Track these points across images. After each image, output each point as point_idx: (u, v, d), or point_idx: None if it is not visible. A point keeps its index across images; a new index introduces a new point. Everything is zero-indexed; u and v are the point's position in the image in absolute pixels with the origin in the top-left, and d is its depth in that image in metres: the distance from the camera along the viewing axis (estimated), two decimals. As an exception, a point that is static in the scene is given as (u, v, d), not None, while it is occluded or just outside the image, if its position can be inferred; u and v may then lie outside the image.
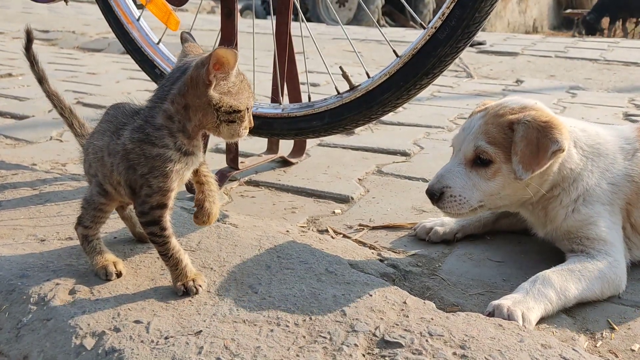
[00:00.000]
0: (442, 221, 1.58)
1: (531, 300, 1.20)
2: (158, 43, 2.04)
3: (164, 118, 1.16)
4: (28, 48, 1.41)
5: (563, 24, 15.54)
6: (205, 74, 1.11)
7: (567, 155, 1.38)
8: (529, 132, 1.32)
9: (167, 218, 1.19)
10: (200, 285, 1.21)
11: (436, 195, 1.39)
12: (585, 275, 1.27)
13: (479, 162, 1.37)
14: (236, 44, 1.74)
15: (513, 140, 1.34)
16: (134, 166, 1.15)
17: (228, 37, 1.76)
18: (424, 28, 1.56)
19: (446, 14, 1.50)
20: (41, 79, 1.46)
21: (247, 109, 1.18)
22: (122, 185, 1.19)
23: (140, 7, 2.06)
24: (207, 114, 1.15)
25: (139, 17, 2.05)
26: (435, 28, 1.52)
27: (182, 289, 1.20)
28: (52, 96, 1.47)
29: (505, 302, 1.17)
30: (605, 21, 12.08)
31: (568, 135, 1.35)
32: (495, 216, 1.60)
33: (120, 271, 1.26)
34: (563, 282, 1.24)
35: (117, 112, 1.23)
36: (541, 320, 1.20)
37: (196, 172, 1.25)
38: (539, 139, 1.31)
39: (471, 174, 1.38)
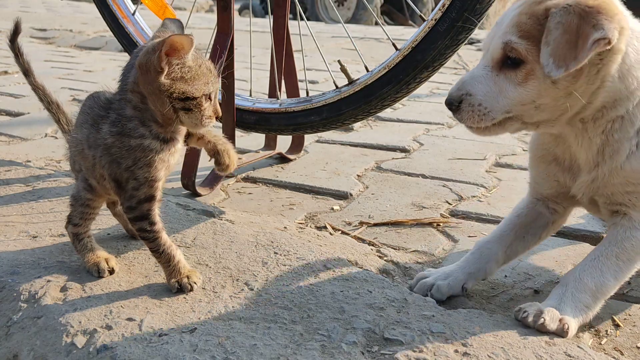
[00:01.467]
0: (444, 273, 1.25)
1: (568, 308, 1.08)
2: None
3: (131, 109, 1.13)
4: (13, 40, 1.37)
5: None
6: (157, 61, 1.05)
7: (633, 57, 1.07)
8: (567, 18, 1.03)
9: (156, 212, 1.16)
10: (195, 282, 1.18)
11: (455, 104, 1.13)
12: (624, 256, 1.11)
13: (508, 62, 1.09)
14: (233, 38, 1.71)
15: (546, 27, 1.05)
16: (118, 160, 1.12)
17: (224, 30, 1.73)
18: (424, 20, 1.53)
19: (446, 6, 1.47)
20: (26, 72, 1.42)
21: (206, 95, 1.11)
22: (107, 179, 1.16)
23: (135, 1, 2.03)
24: (161, 101, 1.09)
25: (135, 12, 2.02)
26: (435, 20, 1.49)
27: (176, 286, 1.17)
28: (37, 89, 1.44)
29: (539, 311, 1.06)
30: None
31: (624, 24, 1.05)
32: (504, 245, 1.28)
33: (112, 268, 1.23)
34: (599, 278, 1.10)
35: (93, 102, 1.20)
36: (544, 317, 1.17)
37: (202, 138, 1.22)
38: (579, 26, 1.02)
39: (498, 78, 1.11)
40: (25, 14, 7.64)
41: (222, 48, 1.70)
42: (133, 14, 2.01)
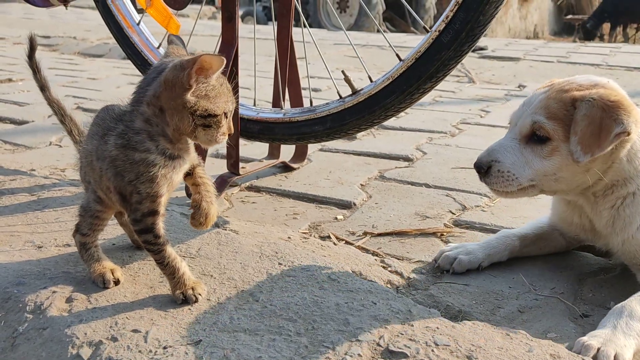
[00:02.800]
0: (465, 249, 1.42)
1: (621, 336, 1.08)
2: (158, 47, 2.02)
3: (142, 121, 1.14)
4: (31, 56, 1.41)
5: (564, 29, 15.55)
6: (186, 78, 1.08)
7: (639, 143, 1.25)
8: (592, 111, 1.20)
9: (160, 225, 1.17)
10: (199, 294, 1.18)
11: (483, 169, 1.29)
12: None
13: (535, 138, 1.26)
14: (237, 48, 1.72)
15: (574, 118, 1.22)
16: (121, 173, 1.13)
17: (229, 41, 1.74)
18: (428, 31, 1.54)
19: (450, 17, 1.48)
20: (43, 87, 1.46)
21: (225, 114, 1.14)
22: (112, 192, 1.17)
23: (140, 11, 2.05)
24: (182, 117, 1.11)
25: (139, 22, 2.03)
26: (438, 31, 1.50)
27: (181, 297, 1.17)
28: (52, 103, 1.47)
29: (594, 341, 1.05)
30: (606, 27, 12.09)
31: (638, 117, 1.21)
32: (523, 243, 1.45)
33: (118, 279, 1.24)
34: None
35: (106, 114, 1.21)
36: (548, 330, 1.17)
37: (191, 175, 1.22)
38: (602, 119, 1.19)
39: (525, 150, 1.27)
40: (28, 20, 7.68)
41: (227, 58, 1.70)
42: (138, 24, 2.02)
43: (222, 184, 1.87)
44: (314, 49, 1.88)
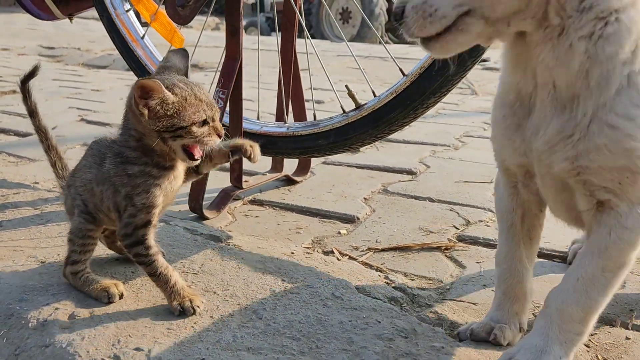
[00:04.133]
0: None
1: (556, 345, 0.94)
2: (162, 61, 2.03)
3: (135, 141, 1.19)
4: (25, 81, 1.44)
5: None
6: (135, 106, 1.12)
7: None
8: None
9: (151, 236, 1.20)
10: (197, 306, 1.19)
11: (399, 14, 0.88)
12: (611, 265, 0.91)
13: None
14: (241, 62, 1.73)
15: None
16: (118, 188, 1.18)
17: (233, 54, 1.74)
18: (431, 47, 1.54)
19: (454, 33, 1.48)
20: (32, 112, 1.49)
21: (197, 123, 1.15)
22: (112, 210, 1.21)
23: (144, 24, 2.05)
24: (151, 137, 1.16)
25: (144, 35, 2.04)
26: (442, 47, 1.50)
27: (178, 309, 1.18)
28: (40, 131, 1.50)
29: (524, 356, 0.94)
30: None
31: None
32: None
33: (122, 292, 1.24)
34: (585, 301, 0.93)
35: (99, 145, 1.27)
36: (554, 348, 1.16)
37: (210, 160, 1.26)
38: None
39: None
40: (33, 31, 7.72)
41: (231, 73, 1.71)
42: (142, 38, 2.03)
43: (225, 197, 1.87)
44: (316, 60, 1.88)
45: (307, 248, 1.60)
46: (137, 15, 2.08)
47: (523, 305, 1.13)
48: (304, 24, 1.85)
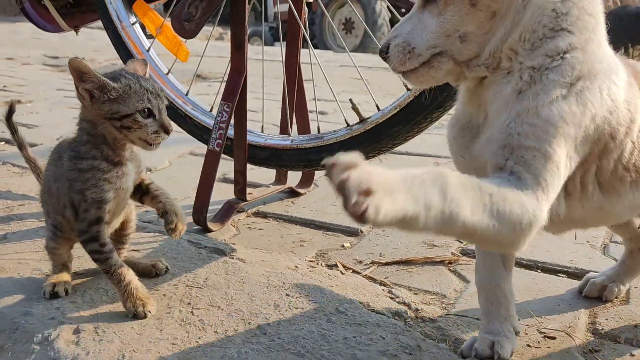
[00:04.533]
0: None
1: (402, 191, 0.76)
2: (167, 74, 2.04)
3: (85, 134, 1.26)
4: (8, 118, 1.54)
5: (568, 50, 15.61)
6: (76, 90, 1.21)
7: None
8: None
9: (106, 234, 1.26)
10: (149, 311, 1.24)
11: (384, 51, 1.05)
12: (496, 209, 0.85)
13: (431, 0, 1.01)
14: (246, 78, 1.74)
15: None
16: (72, 183, 1.24)
17: (238, 68, 1.75)
18: (435, 62, 1.55)
19: (458, 49, 1.49)
20: (21, 146, 1.60)
21: (141, 111, 1.20)
22: (67, 207, 1.27)
23: (150, 37, 2.07)
24: (101, 122, 1.22)
25: (149, 48, 2.06)
26: (446, 62, 1.51)
27: (132, 312, 1.23)
28: (30, 162, 1.62)
29: (362, 178, 0.72)
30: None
31: None
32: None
33: (67, 289, 1.31)
34: (462, 195, 0.82)
35: (60, 145, 1.36)
36: (559, 365, 1.16)
37: (147, 193, 1.33)
38: None
39: (422, 15, 1.02)
40: (37, 40, 7.77)
41: (236, 86, 1.73)
42: (147, 51, 2.05)
43: (229, 210, 1.88)
44: (320, 70, 1.89)
45: (311, 261, 1.61)
46: (143, 27, 2.10)
47: (508, 308, 1.17)
48: (308, 39, 1.86)
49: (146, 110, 1.21)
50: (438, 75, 1.03)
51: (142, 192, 1.33)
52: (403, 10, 10.84)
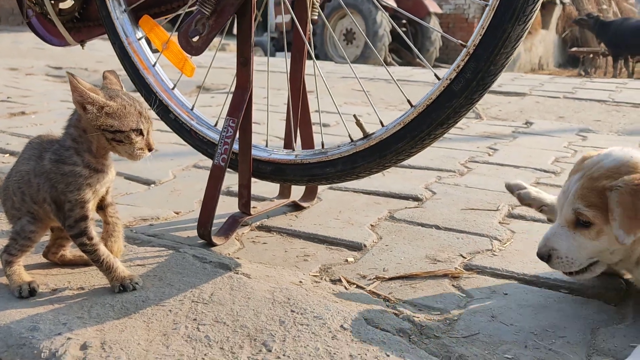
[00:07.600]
0: None
1: None
2: (173, 88, 2.06)
3: (70, 140, 1.37)
4: None
5: (568, 61, 15.69)
6: (74, 99, 1.32)
7: None
8: (623, 198, 1.33)
9: (92, 228, 1.39)
10: (137, 283, 1.41)
11: (545, 257, 1.45)
12: None
13: (581, 223, 1.40)
14: (251, 94, 1.76)
15: (609, 206, 1.34)
16: (55, 184, 1.36)
17: (243, 84, 1.77)
18: (439, 79, 1.57)
19: (461, 66, 1.50)
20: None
21: (135, 130, 1.35)
22: (48, 202, 1.38)
23: (156, 51, 2.09)
24: (98, 134, 1.34)
25: (155, 63, 2.08)
26: (450, 80, 1.53)
27: (118, 286, 1.39)
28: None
29: None
30: (608, 60, 12.25)
31: None
32: None
33: (34, 288, 1.39)
34: None
35: (40, 140, 1.45)
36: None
37: (104, 212, 1.48)
38: (634, 203, 1.31)
39: (575, 235, 1.41)
40: (40, 51, 7.82)
41: (241, 103, 1.74)
42: (154, 66, 2.07)
43: (233, 224, 1.89)
44: (321, 81, 1.91)
45: (315, 276, 1.62)
46: (149, 42, 2.12)
47: None
48: (313, 56, 1.88)
49: (138, 130, 1.36)
50: (594, 275, 1.46)
51: (99, 207, 1.47)
52: (404, 21, 10.91)
